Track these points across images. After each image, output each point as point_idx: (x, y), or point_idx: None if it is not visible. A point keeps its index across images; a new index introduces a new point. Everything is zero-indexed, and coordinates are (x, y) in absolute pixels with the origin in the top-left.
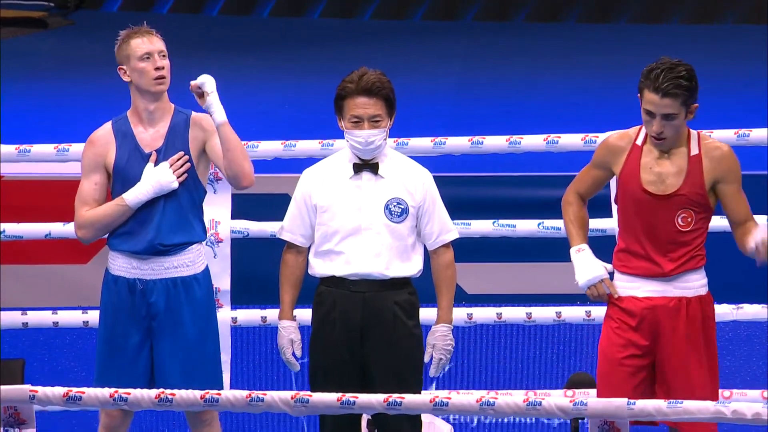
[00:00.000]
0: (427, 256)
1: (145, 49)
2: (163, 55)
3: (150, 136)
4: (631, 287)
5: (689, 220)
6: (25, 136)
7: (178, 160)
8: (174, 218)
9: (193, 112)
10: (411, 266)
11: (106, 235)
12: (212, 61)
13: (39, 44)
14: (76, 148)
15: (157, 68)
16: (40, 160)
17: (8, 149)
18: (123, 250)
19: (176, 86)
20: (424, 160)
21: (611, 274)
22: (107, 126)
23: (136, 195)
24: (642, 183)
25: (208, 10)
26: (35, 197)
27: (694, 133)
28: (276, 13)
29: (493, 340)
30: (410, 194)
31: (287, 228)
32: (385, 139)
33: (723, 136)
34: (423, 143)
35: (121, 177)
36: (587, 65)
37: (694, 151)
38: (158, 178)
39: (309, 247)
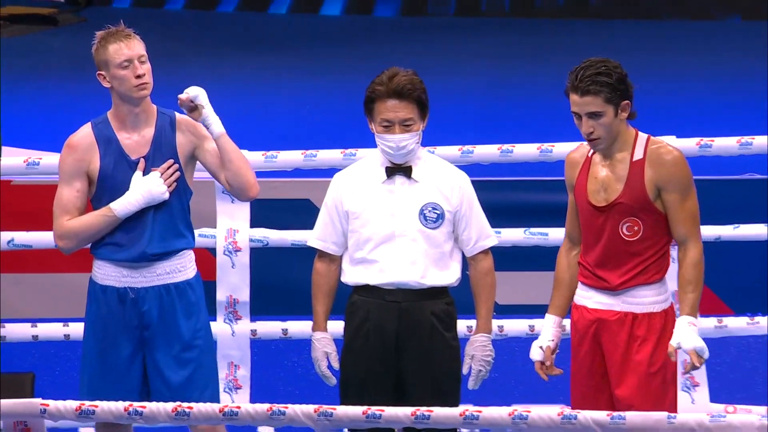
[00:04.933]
0: (465, 264)
1: (125, 56)
2: (143, 60)
3: (135, 141)
4: (585, 296)
5: (636, 228)
6: (35, 137)
7: (168, 168)
8: (165, 227)
9: (177, 114)
10: (448, 275)
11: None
12: (226, 61)
13: (49, 42)
14: None
15: (138, 76)
16: (49, 172)
17: (17, 161)
18: (112, 259)
19: (166, 86)
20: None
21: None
22: (87, 129)
23: (124, 205)
24: (587, 194)
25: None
26: (44, 202)
27: (642, 136)
28: (295, 10)
29: (524, 352)
30: (446, 199)
31: (318, 236)
32: (417, 143)
33: (725, 144)
34: (450, 152)
35: (108, 185)
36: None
37: (638, 155)
38: (149, 188)
39: (342, 255)
